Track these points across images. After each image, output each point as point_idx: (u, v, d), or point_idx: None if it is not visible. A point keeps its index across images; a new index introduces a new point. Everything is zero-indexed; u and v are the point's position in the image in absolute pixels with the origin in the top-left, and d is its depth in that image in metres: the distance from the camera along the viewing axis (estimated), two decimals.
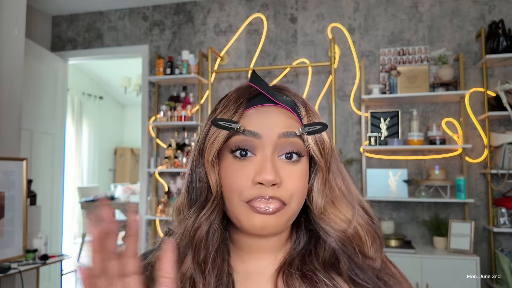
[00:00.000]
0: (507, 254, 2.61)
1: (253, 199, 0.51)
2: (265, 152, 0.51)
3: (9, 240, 2.28)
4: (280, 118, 0.53)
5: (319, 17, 3.30)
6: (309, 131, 0.52)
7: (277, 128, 0.52)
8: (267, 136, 0.51)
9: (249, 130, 0.51)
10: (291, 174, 0.52)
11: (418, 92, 2.87)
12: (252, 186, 0.51)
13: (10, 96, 2.44)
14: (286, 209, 0.52)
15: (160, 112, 3.43)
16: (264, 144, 0.51)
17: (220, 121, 0.52)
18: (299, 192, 0.53)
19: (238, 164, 0.52)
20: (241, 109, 0.53)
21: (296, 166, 0.53)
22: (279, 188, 0.51)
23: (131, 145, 7.45)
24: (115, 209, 5.86)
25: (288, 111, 0.54)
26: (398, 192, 2.91)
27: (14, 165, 2.35)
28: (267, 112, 0.53)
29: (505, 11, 2.94)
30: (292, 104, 0.55)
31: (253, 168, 0.51)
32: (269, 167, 0.50)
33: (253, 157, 0.52)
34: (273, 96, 0.53)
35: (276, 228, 0.52)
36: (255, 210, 0.50)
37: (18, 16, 2.53)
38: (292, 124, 0.53)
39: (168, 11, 3.64)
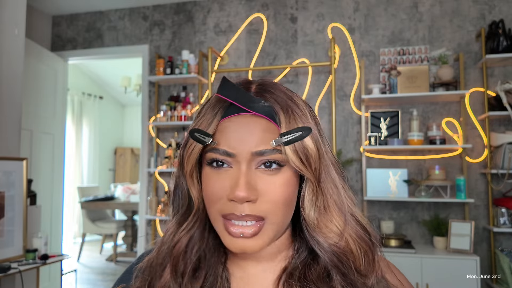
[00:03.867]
0: (507, 254, 2.60)
1: (228, 216, 0.48)
2: (241, 166, 0.48)
3: (9, 240, 2.28)
4: (254, 132, 0.48)
5: (319, 17, 3.30)
6: (287, 141, 0.47)
7: (250, 145, 0.48)
8: (240, 154, 0.48)
9: (222, 150, 0.48)
10: (270, 185, 0.48)
11: (418, 92, 2.87)
12: (227, 201, 0.48)
13: (10, 96, 2.44)
14: (267, 226, 0.49)
15: (160, 112, 3.43)
16: (238, 160, 0.48)
17: (196, 132, 0.50)
18: (281, 203, 0.49)
19: (214, 175, 0.50)
20: (216, 119, 0.50)
21: (276, 176, 0.49)
22: (255, 204, 0.48)
23: (131, 145, 7.46)
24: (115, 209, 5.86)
25: (265, 120, 0.49)
26: (398, 192, 2.91)
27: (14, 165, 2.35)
28: (241, 124, 0.49)
29: (505, 11, 2.94)
30: (269, 111, 0.49)
31: (228, 181, 0.49)
32: (242, 183, 0.47)
33: (229, 168, 0.49)
34: (247, 105, 0.49)
35: (258, 248, 0.49)
36: (230, 234, 0.48)
37: (18, 16, 2.53)
38: (266, 137, 0.48)
39: (168, 11, 3.64)
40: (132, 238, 5.23)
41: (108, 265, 4.89)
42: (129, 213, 5.20)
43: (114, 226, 5.09)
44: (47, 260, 2.38)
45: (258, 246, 0.49)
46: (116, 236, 5.05)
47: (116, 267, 4.76)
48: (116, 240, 5.04)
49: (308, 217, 0.51)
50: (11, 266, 2.14)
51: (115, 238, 5.02)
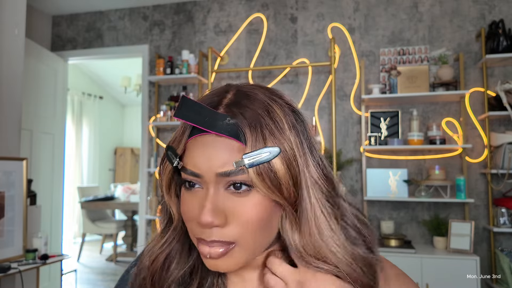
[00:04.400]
0: (507, 254, 2.60)
1: (199, 238, 0.47)
2: (208, 189, 0.45)
3: (9, 240, 2.28)
4: (218, 152, 0.44)
5: (319, 17, 3.30)
6: (249, 163, 0.43)
7: (214, 167, 0.44)
8: (206, 175, 0.45)
9: (190, 171, 0.46)
10: (239, 207, 0.45)
11: (418, 92, 2.87)
12: (197, 224, 0.46)
13: (10, 96, 2.44)
14: (239, 248, 0.46)
15: (160, 112, 3.43)
16: (205, 181, 0.46)
17: (169, 150, 0.48)
18: (252, 227, 0.45)
19: (188, 195, 0.48)
20: (183, 139, 0.47)
21: (246, 197, 0.45)
22: (223, 228, 0.45)
23: (131, 145, 7.46)
24: (115, 209, 5.86)
25: (229, 139, 0.44)
26: (398, 192, 2.91)
27: (14, 165, 2.35)
28: (205, 145, 0.45)
29: (505, 11, 2.94)
30: (233, 129, 0.44)
31: (197, 203, 0.46)
32: (208, 208, 0.44)
33: (200, 189, 0.47)
34: (209, 124, 0.44)
35: (233, 268, 0.47)
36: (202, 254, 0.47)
37: (18, 16, 2.53)
38: (232, 157, 0.44)
39: (168, 11, 3.64)
40: (132, 238, 5.23)
41: (108, 265, 4.89)
42: (129, 213, 5.20)
43: (114, 226, 5.09)
44: (47, 260, 2.38)
45: (229, 267, 0.47)
46: (116, 236, 5.05)
47: (116, 267, 4.76)
48: (116, 240, 5.04)
49: (294, 244, 0.47)
50: (11, 266, 2.14)
51: (115, 238, 5.02)
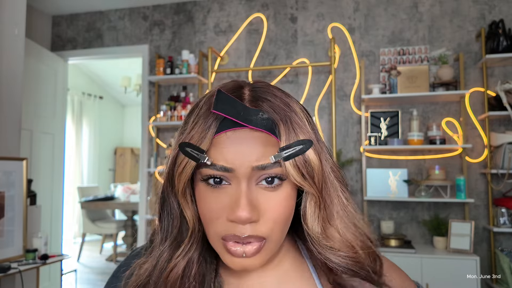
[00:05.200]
0: (507, 254, 2.61)
1: (228, 237, 0.45)
2: (241, 184, 0.45)
3: (9, 240, 2.28)
4: (253, 147, 0.45)
5: (319, 17, 3.30)
6: (287, 156, 0.44)
7: (250, 160, 0.44)
8: (240, 170, 0.45)
9: (220, 166, 0.45)
10: (272, 202, 0.46)
11: (418, 92, 2.87)
12: (227, 222, 0.45)
13: (10, 96, 2.44)
14: (267, 244, 0.47)
15: (160, 112, 3.43)
16: (237, 176, 0.45)
17: (187, 147, 0.46)
18: (281, 221, 0.47)
19: (211, 193, 0.46)
20: (209, 133, 0.45)
21: (277, 192, 0.46)
22: (257, 224, 0.45)
23: (131, 145, 7.45)
24: (115, 209, 5.86)
25: (264, 133, 0.45)
26: (398, 192, 2.91)
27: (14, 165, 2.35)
28: (239, 139, 0.45)
29: (505, 11, 2.94)
30: (268, 123, 0.45)
31: (227, 199, 0.45)
32: (244, 203, 0.44)
33: (227, 185, 0.46)
34: (246, 119, 0.44)
35: (258, 266, 0.48)
36: (231, 254, 0.46)
37: (18, 16, 2.53)
38: (267, 151, 0.45)
39: (168, 11, 3.64)
40: (132, 238, 5.23)
41: (108, 265, 4.89)
42: (129, 213, 5.20)
43: (114, 226, 5.09)
44: (47, 260, 2.38)
45: (258, 264, 0.47)
46: (116, 236, 5.05)
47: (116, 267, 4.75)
48: (116, 240, 5.04)
49: (313, 232, 0.48)
50: (11, 266, 2.14)
51: (115, 238, 5.02)
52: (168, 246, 0.50)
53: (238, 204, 0.44)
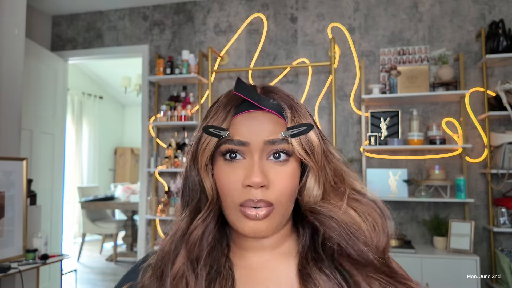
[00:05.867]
0: (507, 254, 2.61)
1: (244, 203, 0.53)
2: (253, 156, 0.54)
3: (9, 240, 2.28)
4: (266, 124, 0.54)
5: (319, 17, 3.30)
6: (293, 134, 0.53)
7: (262, 135, 0.53)
8: (254, 143, 0.53)
9: (237, 140, 0.54)
10: (279, 174, 0.54)
11: (418, 92, 2.87)
12: (242, 189, 0.53)
13: (10, 96, 2.44)
14: (275, 211, 0.54)
15: (160, 112, 3.43)
16: (251, 150, 0.54)
17: (210, 128, 0.54)
18: (287, 192, 0.54)
19: (228, 167, 0.55)
20: (229, 116, 0.55)
21: (284, 166, 0.54)
22: (267, 190, 0.53)
23: (131, 145, 7.45)
24: (115, 209, 5.86)
25: (274, 115, 0.55)
26: (398, 192, 2.91)
27: (14, 165, 2.35)
28: (254, 119, 0.55)
29: (505, 11, 2.94)
30: (278, 107, 0.55)
31: (242, 171, 0.54)
32: (257, 170, 0.52)
33: (242, 160, 0.54)
34: (259, 102, 0.55)
35: (267, 231, 0.54)
36: (246, 216, 0.53)
37: (18, 16, 2.53)
38: (277, 129, 0.54)
39: (168, 11, 3.64)
40: (132, 238, 5.23)
41: (108, 265, 4.89)
42: (129, 213, 5.20)
43: (114, 226, 5.09)
44: (47, 260, 2.38)
45: (267, 229, 0.54)
46: (116, 236, 5.05)
47: (116, 267, 4.76)
48: (116, 240, 5.04)
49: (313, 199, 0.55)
50: (11, 266, 2.14)
51: (115, 238, 5.02)
52: (189, 214, 0.57)
53: (252, 171, 0.52)
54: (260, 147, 0.53)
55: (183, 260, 0.55)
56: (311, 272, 0.54)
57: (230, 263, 0.58)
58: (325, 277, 0.53)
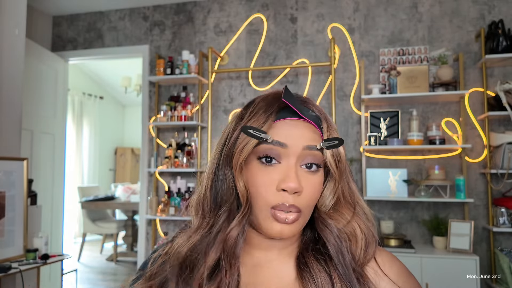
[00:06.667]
0: (507, 254, 2.61)
1: (276, 206, 0.55)
2: (290, 161, 0.56)
3: (9, 240, 2.28)
4: (305, 132, 0.57)
5: (319, 17, 3.30)
6: (328, 146, 0.56)
7: (302, 141, 0.56)
8: (292, 147, 0.56)
9: (277, 141, 0.56)
10: (310, 183, 0.57)
11: (417, 92, 2.87)
12: (276, 192, 0.55)
13: (10, 96, 2.45)
14: (302, 216, 0.57)
15: (160, 112, 3.44)
16: (289, 153, 0.56)
17: (250, 129, 0.55)
18: (313, 201, 0.58)
19: (263, 169, 0.57)
20: (270, 120, 0.57)
21: (314, 176, 0.58)
22: (299, 196, 0.55)
23: (131, 145, 7.46)
24: (115, 209, 5.87)
25: (312, 126, 0.58)
26: (398, 192, 2.91)
27: (15, 165, 2.35)
28: (294, 126, 0.57)
29: (504, 11, 2.94)
30: (316, 119, 0.59)
31: (277, 175, 0.56)
32: (293, 176, 0.55)
33: (277, 164, 0.57)
34: (301, 112, 0.57)
35: (291, 234, 0.57)
36: (276, 219, 0.55)
37: (18, 16, 2.54)
38: (315, 138, 0.58)
39: (168, 11, 3.65)
40: (132, 238, 5.24)
41: (108, 265, 4.89)
42: (129, 213, 5.21)
43: (115, 226, 5.10)
44: (48, 260, 2.39)
45: (291, 232, 0.57)
46: (117, 236, 5.06)
47: (117, 267, 4.77)
48: (117, 240, 5.05)
49: (324, 207, 0.60)
50: (11, 266, 2.14)
51: (116, 238, 5.03)
52: (225, 211, 0.58)
53: (290, 175, 0.55)
54: (299, 151, 0.56)
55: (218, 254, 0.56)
56: (308, 261, 0.58)
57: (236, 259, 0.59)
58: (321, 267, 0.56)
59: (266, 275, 0.59)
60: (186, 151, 3.31)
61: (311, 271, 0.56)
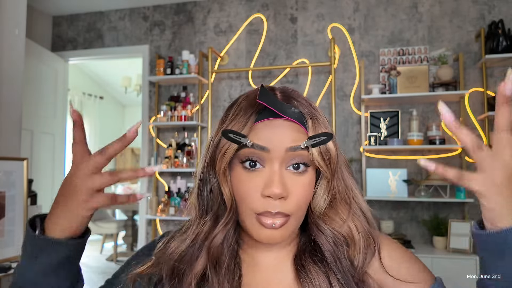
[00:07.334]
0: None
1: (262, 213, 0.53)
2: (273, 165, 0.53)
3: (9, 240, 2.28)
4: (288, 132, 0.54)
5: (319, 17, 3.30)
6: (314, 143, 0.53)
7: (284, 142, 0.53)
8: (275, 150, 0.53)
9: (258, 144, 0.53)
10: (298, 185, 0.54)
11: (417, 92, 2.87)
12: (261, 198, 0.53)
13: (10, 96, 2.45)
14: (291, 221, 0.55)
15: (160, 112, 3.44)
16: (272, 157, 0.53)
17: (230, 133, 0.53)
18: (304, 202, 0.55)
19: (247, 175, 0.54)
20: (250, 122, 0.54)
21: (302, 176, 0.55)
22: (285, 200, 0.53)
23: (131, 145, 7.43)
24: (115, 209, 5.87)
25: (295, 124, 0.55)
26: (398, 192, 2.91)
27: (15, 165, 2.35)
28: (276, 126, 0.54)
29: (504, 11, 2.94)
30: (299, 116, 0.55)
31: (261, 180, 0.53)
32: (277, 181, 0.52)
33: (262, 168, 0.54)
34: (282, 111, 0.54)
35: (282, 239, 0.55)
36: (262, 225, 0.53)
37: (18, 16, 2.54)
38: (299, 137, 0.54)
39: (168, 11, 3.65)
40: (132, 238, 5.24)
41: (108, 264, 4.89)
42: (129, 213, 5.21)
43: (115, 226, 5.10)
44: None
45: (281, 237, 0.55)
46: (117, 236, 5.06)
47: (117, 267, 4.75)
48: (117, 240, 5.05)
49: (318, 208, 0.57)
50: (11, 266, 2.14)
51: (116, 238, 5.03)
52: (210, 219, 0.58)
53: (273, 181, 0.52)
54: (281, 154, 0.53)
55: (205, 263, 0.56)
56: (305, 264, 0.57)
57: (239, 259, 0.60)
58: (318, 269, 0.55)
59: (265, 276, 0.59)
60: (186, 151, 3.31)
61: (309, 274, 0.55)
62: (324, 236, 0.56)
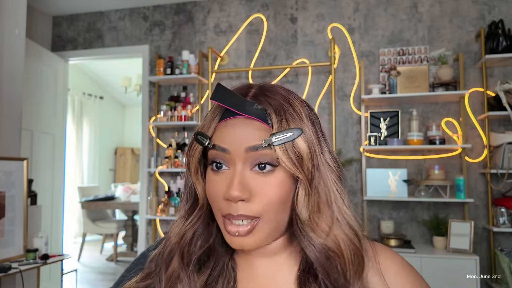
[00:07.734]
0: (507, 254, 2.61)
1: (226, 216, 0.51)
2: (236, 166, 0.51)
3: (9, 240, 2.28)
4: (248, 131, 0.51)
5: (319, 17, 3.30)
6: (277, 141, 0.49)
7: (244, 142, 0.50)
8: (235, 151, 0.51)
9: (219, 146, 0.52)
10: (263, 185, 0.50)
11: (417, 92, 2.87)
12: (224, 201, 0.51)
13: (10, 96, 2.45)
14: (262, 223, 0.51)
15: (160, 112, 3.44)
16: (233, 158, 0.51)
17: (198, 134, 0.54)
18: (274, 202, 0.51)
19: (214, 177, 0.53)
20: (214, 122, 0.54)
21: (269, 176, 0.51)
22: (248, 203, 0.50)
23: (131, 145, 7.46)
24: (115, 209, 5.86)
25: (257, 121, 0.51)
26: (398, 192, 2.91)
27: (15, 165, 2.35)
28: (235, 126, 0.51)
29: (504, 11, 2.94)
30: (261, 113, 0.51)
31: (225, 182, 0.52)
32: (236, 183, 0.50)
33: (227, 170, 0.52)
34: (239, 108, 0.51)
35: (255, 245, 0.52)
36: (228, 231, 0.51)
37: (18, 16, 2.54)
38: (261, 135, 0.50)
39: (168, 11, 3.65)
40: (132, 238, 5.24)
41: (108, 265, 4.89)
42: (129, 213, 5.21)
43: (115, 226, 5.10)
44: (48, 260, 2.38)
45: (254, 244, 0.52)
46: (117, 236, 5.06)
47: (117, 267, 4.76)
48: (117, 240, 5.05)
49: (301, 215, 0.52)
50: (11, 266, 2.14)
51: (116, 238, 5.03)
52: (181, 216, 0.58)
53: (231, 183, 0.50)
54: (242, 155, 0.50)
55: (177, 264, 0.55)
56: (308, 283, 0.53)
57: (234, 263, 0.58)
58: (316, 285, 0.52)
59: (263, 282, 0.57)
60: (186, 151, 3.30)
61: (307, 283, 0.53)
62: (312, 248, 0.51)
